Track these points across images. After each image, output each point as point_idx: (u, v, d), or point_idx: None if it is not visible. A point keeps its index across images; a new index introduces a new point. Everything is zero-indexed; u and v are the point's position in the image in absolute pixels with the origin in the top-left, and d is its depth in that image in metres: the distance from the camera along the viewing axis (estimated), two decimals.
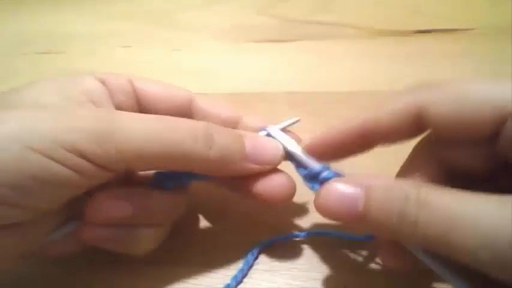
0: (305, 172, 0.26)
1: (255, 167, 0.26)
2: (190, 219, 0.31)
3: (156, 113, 0.26)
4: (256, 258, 0.29)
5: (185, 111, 0.29)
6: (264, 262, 0.28)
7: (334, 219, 0.23)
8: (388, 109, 0.24)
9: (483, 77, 0.24)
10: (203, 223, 0.31)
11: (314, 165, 0.25)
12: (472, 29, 0.49)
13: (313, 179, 0.25)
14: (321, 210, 0.23)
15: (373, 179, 0.22)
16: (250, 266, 0.28)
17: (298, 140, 0.28)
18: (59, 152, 0.21)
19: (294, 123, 0.29)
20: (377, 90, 0.41)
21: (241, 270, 0.27)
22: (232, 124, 0.29)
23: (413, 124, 0.23)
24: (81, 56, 0.51)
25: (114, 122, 0.22)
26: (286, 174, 0.26)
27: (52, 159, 0.21)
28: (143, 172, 0.28)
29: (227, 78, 0.45)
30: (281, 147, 0.27)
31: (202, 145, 0.23)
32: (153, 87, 0.29)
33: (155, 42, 0.53)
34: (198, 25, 0.55)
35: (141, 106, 0.28)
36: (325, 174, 0.25)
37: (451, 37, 0.49)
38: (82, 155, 0.21)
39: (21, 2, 0.62)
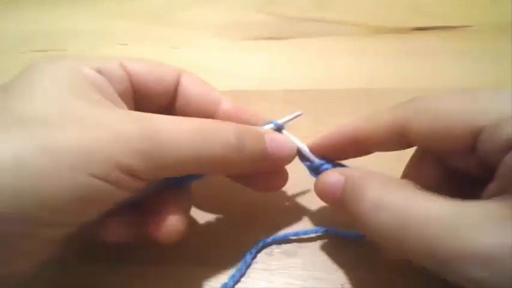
0: (309, 164, 0.28)
1: (273, 164, 0.27)
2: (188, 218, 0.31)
3: (148, 94, 0.28)
4: (255, 257, 0.29)
5: (173, 88, 0.29)
6: (262, 261, 0.28)
7: (324, 202, 0.26)
8: (374, 125, 0.25)
9: (462, 90, 0.26)
10: (201, 222, 0.31)
11: (315, 159, 0.28)
12: (471, 26, 0.49)
13: (316, 170, 0.28)
14: (316, 193, 0.26)
15: (353, 171, 0.25)
16: (248, 265, 0.28)
17: None
18: (113, 173, 0.21)
19: (297, 116, 0.30)
20: (375, 88, 0.41)
21: (239, 269, 0.27)
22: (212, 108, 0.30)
23: (400, 139, 0.24)
24: (78, 54, 0.51)
25: (157, 133, 0.23)
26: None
27: (105, 180, 0.21)
28: None
29: (225, 75, 0.45)
30: (295, 145, 0.28)
31: (235, 151, 0.25)
32: (143, 68, 0.28)
33: (153, 40, 0.53)
34: (196, 23, 0.55)
35: (134, 86, 0.28)
36: (324, 167, 0.27)
37: (450, 34, 0.48)
38: (132, 174, 0.22)
39: (19, 0, 0.62)
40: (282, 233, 0.30)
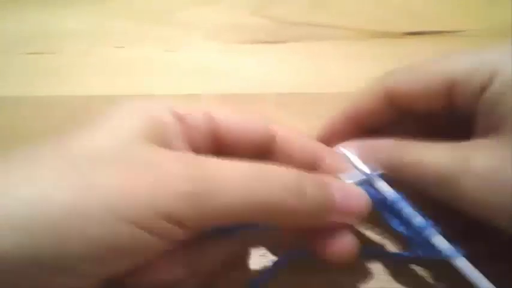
0: (404, 229, 0.25)
1: (343, 218, 0.24)
2: None
3: (232, 149, 0.25)
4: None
5: (265, 147, 0.27)
6: None
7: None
8: (366, 98, 0.28)
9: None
10: None
11: (419, 220, 0.24)
12: (464, 31, 0.49)
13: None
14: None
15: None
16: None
17: None
18: (153, 221, 0.19)
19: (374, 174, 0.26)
20: None
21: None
22: (313, 163, 0.27)
23: (391, 107, 0.27)
24: (74, 57, 0.51)
25: (208, 180, 0.20)
26: (351, 235, 0.25)
27: (142, 228, 0.19)
28: None
29: (219, 79, 0.45)
30: (367, 196, 0.25)
31: (294, 198, 0.22)
32: (232, 122, 0.26)
33: (150, 42, 0.53)
34: (190, 25, 0.55)
35: (218, 141, 0.26)
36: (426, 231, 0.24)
37: (443, 39, 0.49)
38: (175, 221, 0.20)
39: (13, 2, 0.62)
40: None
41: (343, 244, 0.24)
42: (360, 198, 0.25)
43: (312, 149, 0.27)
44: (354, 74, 0.45)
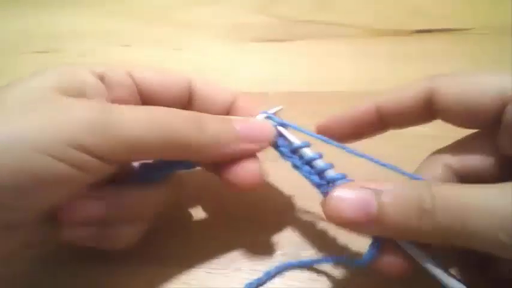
0: (316, 179, 0.25)
1: (249, 145, 0.26)
2: (185, 217, 0.31)
3: (157, 102, 0.27)
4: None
5: (185, 95, 0.29)
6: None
7: (346, 225, 0.22)
8: (400, 95, 0.26)
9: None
10: (200, 222, 0.31)
11: (296, 141, 0.27)
12: (472, 29, 0.49)
13: (319, 176, 0.25)
14: (333, 216, 0.22)
15: (379, 184, 0.22)
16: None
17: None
18: (62, 149, 0.21)
19: (277, 111, 0.29)
20: (376, 90, 0.41)
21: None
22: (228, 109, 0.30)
23: (425, 110, 0.25)
24: (80, 56, 0.51)
25: (111, 113, 0.22)
26: (258, 161, 0.27)
27: (55, 157, 0.21)
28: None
29: (226, 77, 0.45)
30: (271, 125, 0.27)
31: (195, 130, 0.24)
32: (152, 76, 0.29)
33: (155, 42, 0.53)
34: (198, 24, 0.55)
35: (142, 96, 0.28)
36: (331, 172, 0.25)
37: (451, 37, 0.49)
38: (84, 149, 0.21)
39: (19, 1, 0.62)
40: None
41: (246, 167, 0.26)
42: (262, 128, 0.27)
43: (226, 96, 0.30)
44: (362, 72, 0.44)
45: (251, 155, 0.27)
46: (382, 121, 0.27)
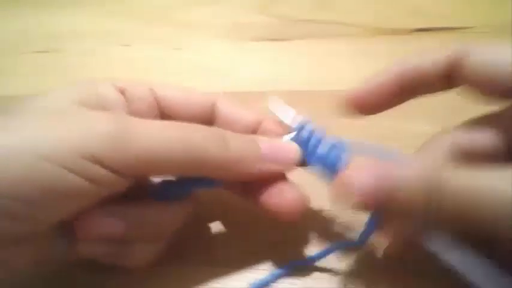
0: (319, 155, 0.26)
1: (273, 166, 0.25)
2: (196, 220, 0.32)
3: (178, 120, 0.25)
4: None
5: (208, 116, 0.29)
6: None
7: (356, 200, 0.22)
8: (425, 62, 0.25)
9: None
10: (207, 221, 0.31)
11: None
12: (472, 28, 0.49)
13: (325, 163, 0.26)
14: (345, 192, 0.22)
15: (392, 167, 0.22)
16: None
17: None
18: (74, 160, 0.20)
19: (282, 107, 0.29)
20: None
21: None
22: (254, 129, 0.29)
23: (449, 77, 0.25)
24: (80, 55, 0.51)
25: (128, 124, 0.22)
26: (298, 188, 0.26)
27: (67, 168, 0.20)
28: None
29: (227, 77, 0.45)
30: (297, 147, 0.26)
31: (218, 147, 0.23)
32: (174, 94, 0.28)
33: (155, 41, 0.53)
34: (198, 24, 0.55)
35: (163, 114, 0.28)
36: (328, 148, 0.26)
37: (451, 36, 0.48)
38: (97, 161, 0.21)
39: (19, 1, 0.62)
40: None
41: (288, 194, 0.25)
42: (288, 149, 0.26)
43: (250, 117, 0.29)
44: (362, 71, 0.44)
45: (281, 177, 0.26)
46: (405, 90, 0.26)
